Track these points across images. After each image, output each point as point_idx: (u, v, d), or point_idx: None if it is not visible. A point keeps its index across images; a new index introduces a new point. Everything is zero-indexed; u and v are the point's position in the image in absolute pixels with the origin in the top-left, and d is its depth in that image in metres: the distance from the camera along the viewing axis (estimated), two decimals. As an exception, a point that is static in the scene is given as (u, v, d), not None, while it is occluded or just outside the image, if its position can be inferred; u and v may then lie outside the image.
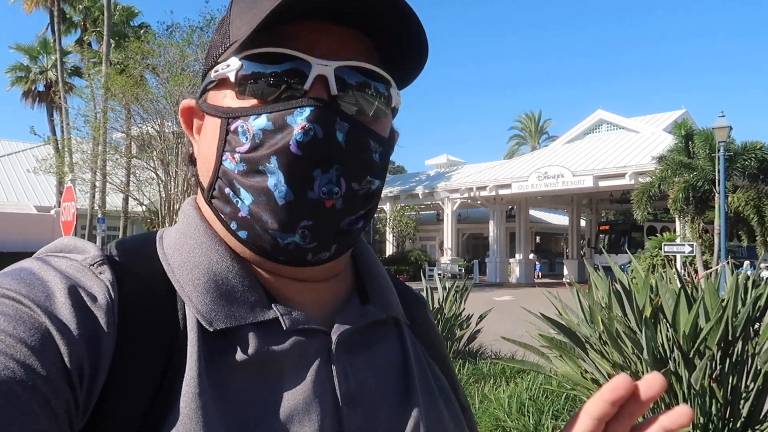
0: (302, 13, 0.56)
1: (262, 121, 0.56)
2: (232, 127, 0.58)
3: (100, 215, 20.61)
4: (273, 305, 0.60)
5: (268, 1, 0.57)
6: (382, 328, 0.68)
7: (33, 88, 30.92)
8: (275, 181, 0.55)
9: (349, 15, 0.58)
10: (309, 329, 0.60)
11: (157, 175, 18.10)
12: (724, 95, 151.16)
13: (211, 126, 0.61)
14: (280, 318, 0.59)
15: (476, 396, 5.00)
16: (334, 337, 0.61)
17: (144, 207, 19.33)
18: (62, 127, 25.30)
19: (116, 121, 19.47)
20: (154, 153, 17.98)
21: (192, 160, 0.68)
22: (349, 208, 0.59)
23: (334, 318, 0.63)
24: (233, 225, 0.60)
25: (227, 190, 0.59)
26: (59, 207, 17.70)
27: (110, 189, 21.29)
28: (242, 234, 0.60)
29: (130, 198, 20.64)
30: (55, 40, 27.10)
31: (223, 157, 0.59)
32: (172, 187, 17.61)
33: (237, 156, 0.57)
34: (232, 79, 0.58)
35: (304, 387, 0.58)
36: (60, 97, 24.75)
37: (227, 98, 0.60)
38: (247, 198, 0.57)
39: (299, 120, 0.55)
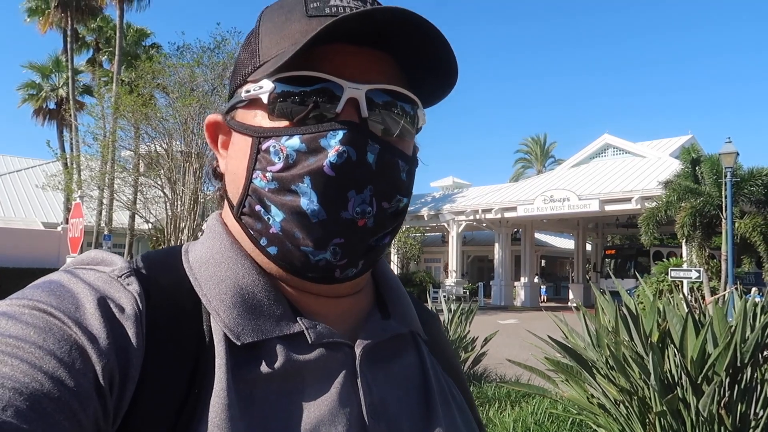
0: (332, 36, 0.57)
1: (295, 142, 0.58)
2: (264, 147, 0.59)
3: (106, 232, 20.69)
4: (298, 319, 0.61)
5: (298, 23, 0.59)
6: (402, 343, 0.69)
7: (44, 106, 31.26)
8: (308, 200, 0.57)
9: (376, 37, 0.59)
10: (333, 342, 0.61)
11: (164, 193, 18.20)
12: (731, 120, 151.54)
13: (241, 144, 0.62)
14: (306, 331, 0.60)
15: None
16: (358, 351, 0.62)
17: (150, 225, 19.40)
18: (71, 144, 25.53)
19: (125, 139, 19.67)
20: (162, 171, 18.09)
21: (216, 174, 0.70)
22: (379, 227, 0.60)
23: (357, 332, 0.64)
24: (263, 241, 0.61)
25: (258, 207, 0.60)
26: (66, 223, 17.79)
27: (117, 206, 21.40)
28: (272, 250, 0.61)
29: (136, 215, 20.72)
30: (67, 59, 27.49)
31: (254, 175, 0.60)
32: (179, 206, 17.68)
33: (269, 174, 0.59)
34: (265, 100, 0.60)
35: (330, 399, 0.58)
36: (71, 115, 25.04)
37: (258, 117, 0.61)
38: (278, 215, 0.58)
39: (332, 143, 0.57)
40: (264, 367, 0.57)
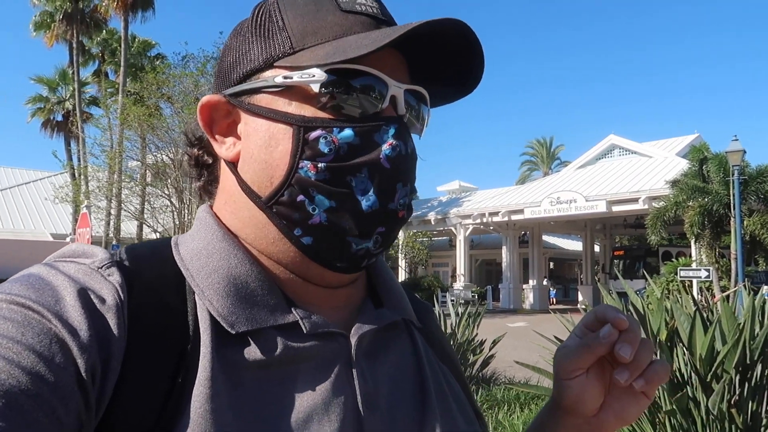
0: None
1: (347, 134, 0.59)
2: (311, 136, 0.58)
3: (114, 242, 20.79)
4: (293, 309, 0.61)
5: (333, 15, 0.61)
6: (396, 332, 0.69)
7: (51, 118, 31.54)
8: (363, 190, 0.58)
9: (408, 42, 0.60)
10: (328, 332, 0.61)
11: (171, 202, 18.30)
12: (737, 119, 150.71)
13: (273, 131, 0.60)
14: (300, 321, 0.60)
15: (490, 423, 4.92)
16: (353, 340, 0.62)
17: (158, 234, 19.49)
18: (79, 156, 25.74)
19: (132, 149, 19.80)
20: (169, 181, 18.19)
21: (199, 163, 0.69)
22: (407, 218, 0.64)
23: (351, 322, 0.64)
24: (297, 231, 0.60)
25: (300, 197, 0.59)
26: (74, 234, 17.90)
27: (125, 216, 21.53)
28: (306, 240, 0.60)
29: (144, 225, 20.83)
30: (73, 72, 27.74)
31: (299, 165, 0.59)
32: (186, 214, 17.77)
33: (321, 165, 0.58)
34: (315, 89, 0.59)
35: (324, 389, 0.58)
36: (77, 127, 25.23)
37: (294, 106, 0.60)
38: (324, 204, 0.59)
39: (385, 137, 0.60)
40: (258, 356, 0.57)
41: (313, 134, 0.58)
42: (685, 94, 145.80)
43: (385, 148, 0.59)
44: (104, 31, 28.88)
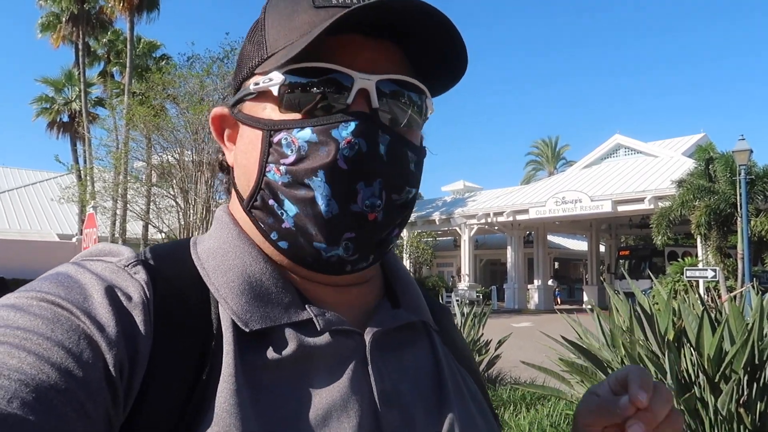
0: (342, 27, 0.57)
1: (306, 134, 0.57)
2: (276, 139, 0.59)
3: (120, 242, 20.83)
4: (307, 306, 0.61)
5: (306, 14, 0.59)
6: (413, 332, 0.69)
7: (58, 119, 31.64)
8: (321, 194, 0.57)
9: (385, 28, 0.59)
10: (343, 330, 0.61)
11: (176, 202, 18.32)
12: (744, 117, 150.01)
13: (251, 137, 0.62)
14: (314, 319, 0.60)
15: (496, 423, 4.90)
16: (367, 338, 0.62)
17: (163, 234, 19.53)
18: (85, 156, 25.81)
19: (137, 150, 19.84)
20: (174, 181, 18.22)
21: (223, 168, 0.70)
22: (389, 220, 0.60)
23: (366, 321, 0.64)
24: (274, 235, 0.61)
25: (271, 201, 0.60)
26: (80, 234, 17.97)
27: (130, 216, 21.57)
28: (282, 244, 0.61)
29: (150, 225, 20.88)
30: (79, 73, 27.83)
31: (267, 169, 0.60)
32: (191, 215, 17.79)
33: (282, 168, 0.58)
34: (275, 92, 0.59)
35: (341, 386, 0.58)
36: (83, 128, 25.31)
37: (268, 110, 0.61)
38: (291, 210, 0.58)
39: (344, 134, 0.56)
40: (273, 354, 0.57)
41: (277, 137, 0.59)
42: (692, 91, 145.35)
43: (343, 146, 0.56)
44: (110, 32, 28.96)
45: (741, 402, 3.42)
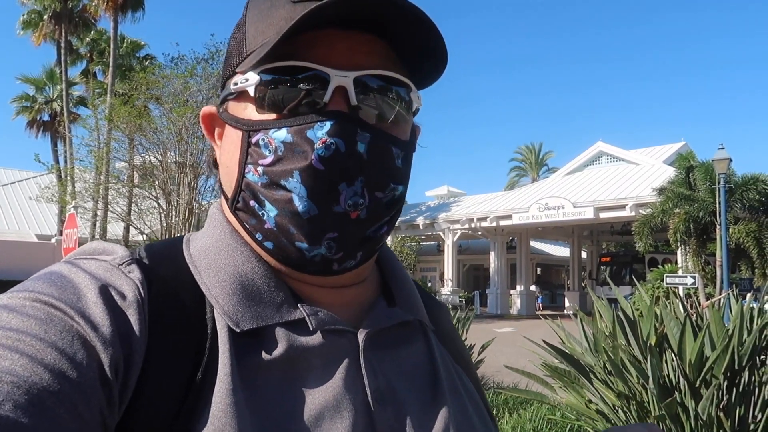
0: (318, 22, 0.56)
1: (282, 134, 0.56)
2: (254, 140, 0.58)
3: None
4: (299, 305, 0.60)
5: (283, 9, 0.58)
6: (409, 331, 0.68)
7: (38, 118, 31.21)
8: (298, 195, 0.55)
9: (364, 21, 0.58)
10: (336, 329, 0.60)
11: (158, 204, 18.14)
12: (723, 127, 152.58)
13: (233, 137, 0.62)
14: (307, 318, 0.59)
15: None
16: (361, 337, 0.61)
17: (145, 236, 19.33)
18: (66, 156, 25.47)
19: (119, 150, 19.62)
20: (156, 182, 18.05)
21: (216, 164, 0.69)
22: (373, 217, 0.59)
23: (361, 320, 0.64)
24: (258, 236, 0.60)
25: (252, 202, 0.59)
26: (60, 235, 17.72)
27: (111, 218, 21.32)
28: (268, 245, 0.60)
29: (131, 227, 20.65)
30: (61, 72, 27.49)
31: (246, 170, 0.59)
32: (173, 216, 17.64)
33: (260, 169, 0.58)
34: (252, 93, 0.59)
35: (334, 385, 0.58)
36: (65, 127, 24.98)
37: (248, 110, 0.60)
38: (272, 210, 0.58)
39: (320, 134, 0.55)
40: (266, 354, 0.56)
41: (255, 137, 0.58)
42: (672, 101, 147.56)
43: (318, 146, 0.54)
44: (93, 31, 28.65)
45: (721, 407, 3.46)
